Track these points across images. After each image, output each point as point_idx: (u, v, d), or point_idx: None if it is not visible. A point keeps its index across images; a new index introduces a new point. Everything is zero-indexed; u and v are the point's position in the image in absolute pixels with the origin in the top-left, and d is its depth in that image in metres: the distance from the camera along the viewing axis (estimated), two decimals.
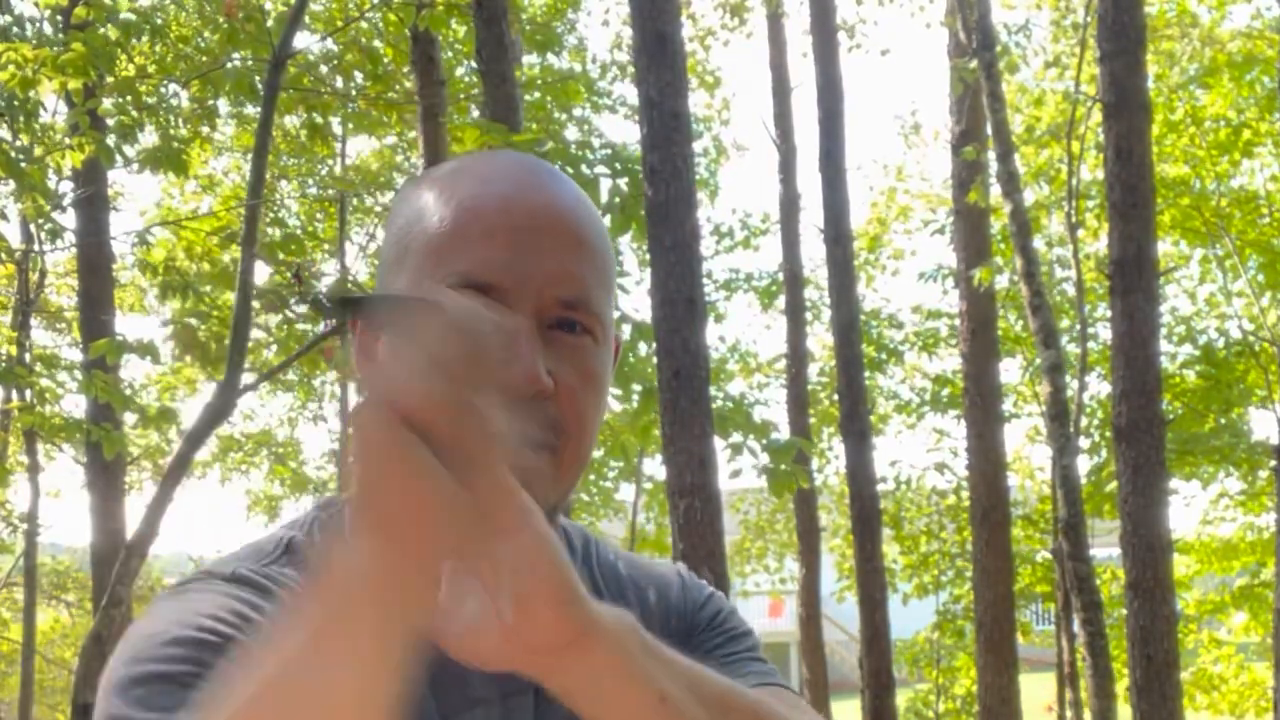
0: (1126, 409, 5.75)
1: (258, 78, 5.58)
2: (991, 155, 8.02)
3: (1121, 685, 6.62)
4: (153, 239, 7.44)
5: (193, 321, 5.80)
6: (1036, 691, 13.01)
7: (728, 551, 4.92)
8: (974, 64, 7.07)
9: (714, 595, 1.10)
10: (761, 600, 20.92)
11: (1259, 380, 11.27)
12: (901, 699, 14.40)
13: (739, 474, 5.34)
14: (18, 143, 6.26)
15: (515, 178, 0.89)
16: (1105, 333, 9.43)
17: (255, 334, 9.02)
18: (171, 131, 7.44)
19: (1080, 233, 9.55)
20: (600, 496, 13.06)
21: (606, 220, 3.15)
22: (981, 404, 10.28)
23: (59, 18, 6.87)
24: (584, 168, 4.69)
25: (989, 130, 7.76)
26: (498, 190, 0.88)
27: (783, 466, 4.81)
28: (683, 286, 4.05)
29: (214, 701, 0.62)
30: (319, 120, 7.12)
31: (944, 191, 13.58)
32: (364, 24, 8.05)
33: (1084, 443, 11.29)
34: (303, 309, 6.83)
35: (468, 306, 0.63)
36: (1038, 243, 10.52)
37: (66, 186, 8.00)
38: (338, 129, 11.05)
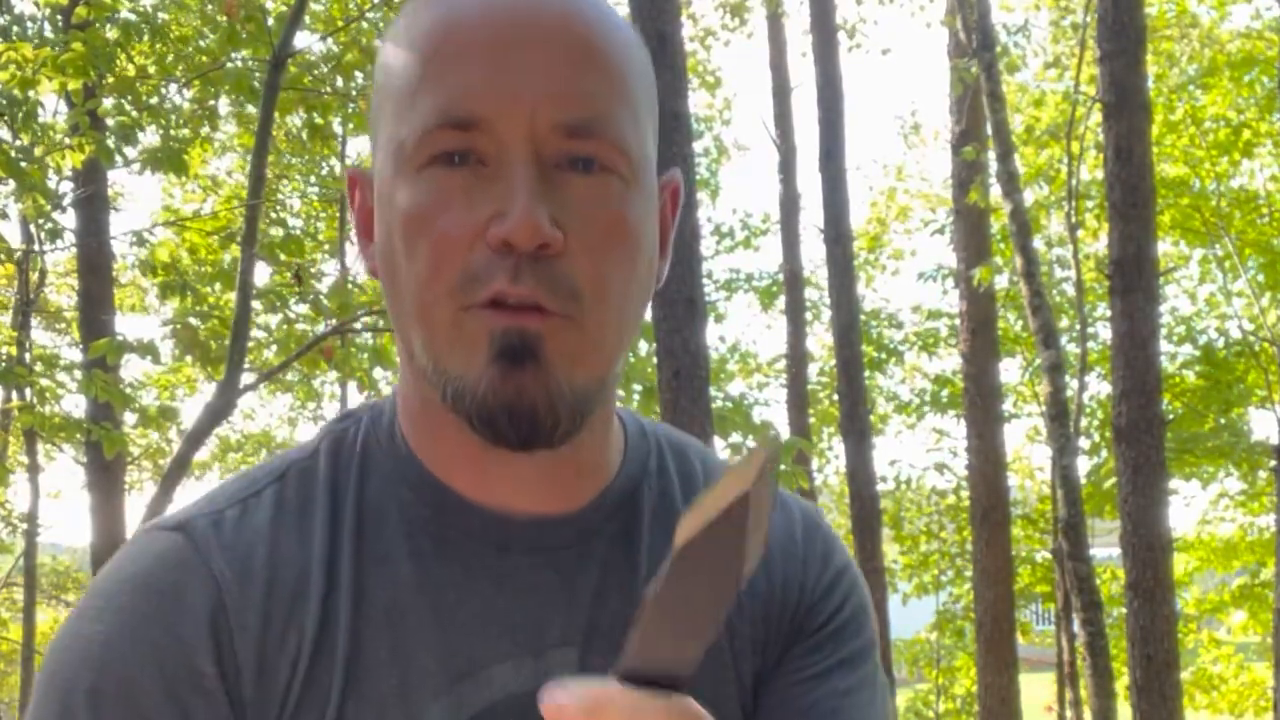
0: (1126, 409, 5.75)
1: (258, 78, 5.58)
2: (991, 155, 8.02)
3: (1121, 685, 6.62)
4: (154, 239, 7.43)
5: (193, 321, 5.80)
6: (1036, 691, 13.01)
7: None
8: (974, 64, 7.07)
9: (842, 579, 0.84)
10: None
11: (1259, 380, 11.28)
12: (901, 699, 14.44)
13: None
14: (18, 143, 6.25)
15: None
16: (1105, 333, 9.43)
17: (255, 334, 9.02)
18: (172, 131, 7.44)
19: (1080, 233, 9.55)
20: None
21: None
22: (981, 404, 10.28)
23: (59, 18, 6.87)
24: None
25: (989, 130, 7.76)
26: (475, 1, 0.70)
27: (782, 466, 4.81)
28: (683, 286, 4.05)
29: None
30: (319, 120, 7.11)
31: (944, 191, 13.58)
32: (364, 24, 8.04)
33: (1084, 443, 11.29)
34: (303, 309, 6.83)
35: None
36: (1038, 243, 10.51)
37: (66, 186, 8.00)
38: (338, 129, 11.06)
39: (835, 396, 10.82)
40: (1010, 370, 12.85)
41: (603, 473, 0.79)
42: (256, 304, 6.04)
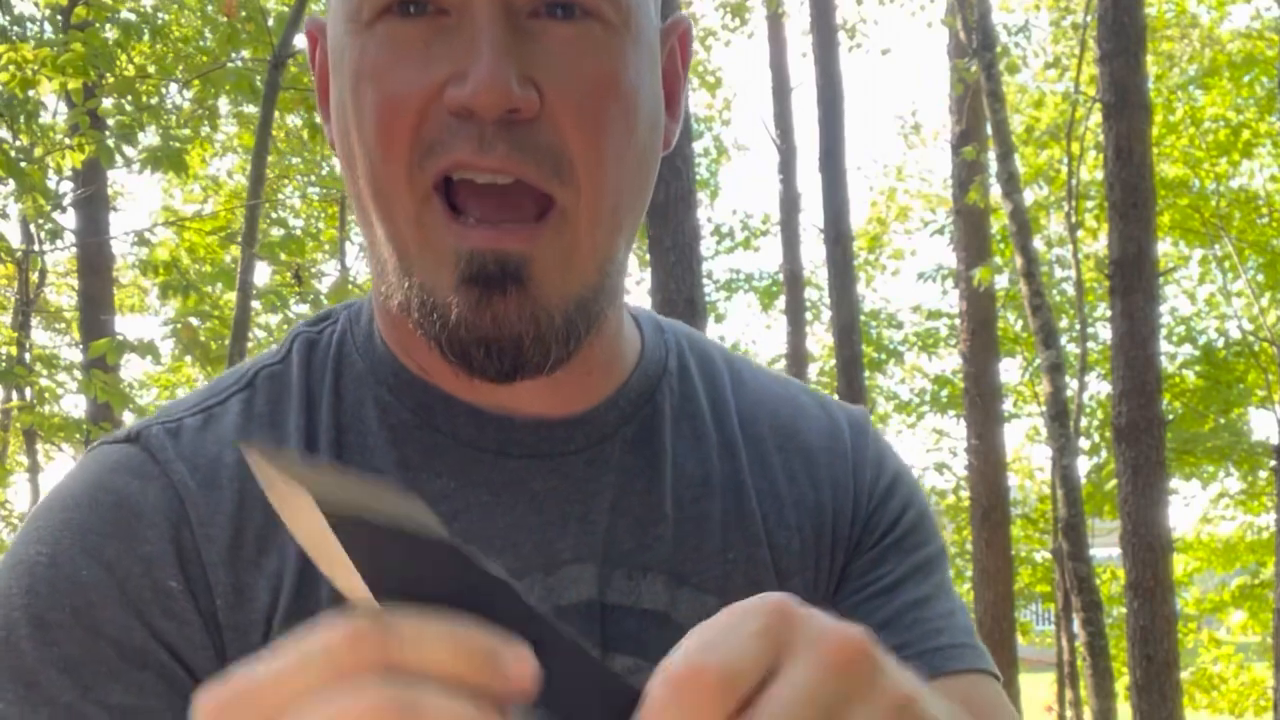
0: (1126, 409, 5.75)
1: (258, 77, 5.59)
2: (991, 155, 8.02)
3: (1121, 685, 6.62)
4: (154, 239, 7.45)
5: (193, 321, 5.80)
6: (1036, 691, 13.01)
7: None
8: (974, 64, 7.07)
9: (899, 484, 0.75)
10: None
11: (1259, 380, 11.27)
12: None
13: None
14: (18, 143, 6.26)
15: None
16: (1105, 333, 9.43)
17: (255, 334, 9.02)
18: (172, 131, 7.44)
19: (1080, 233, 9.55)
20: None
21: None
22: (981, 404, 10.28)
23: (59, 18, 6.88)
24: None
25: (989, 130, 7.76)
26: None
27: None
28: (683, 286, 4.06)
29: None
30: (319, 121, 7.13)
31: (944, 191, 13.58)
32: None
33: (1084, 443, 11.29)
34: (303, 309, 6.83)
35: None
36: (1037, 243, 10.52)
37: (66, 186, 8.01)
38: None
39: (835, 396, 10.81)
40: (1010, 370, 12.86)
41: (616, 371, 0.70)
42: (256, 304, 6.04)
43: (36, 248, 8.46)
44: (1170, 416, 8.81)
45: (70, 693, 0.56)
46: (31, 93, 5.52)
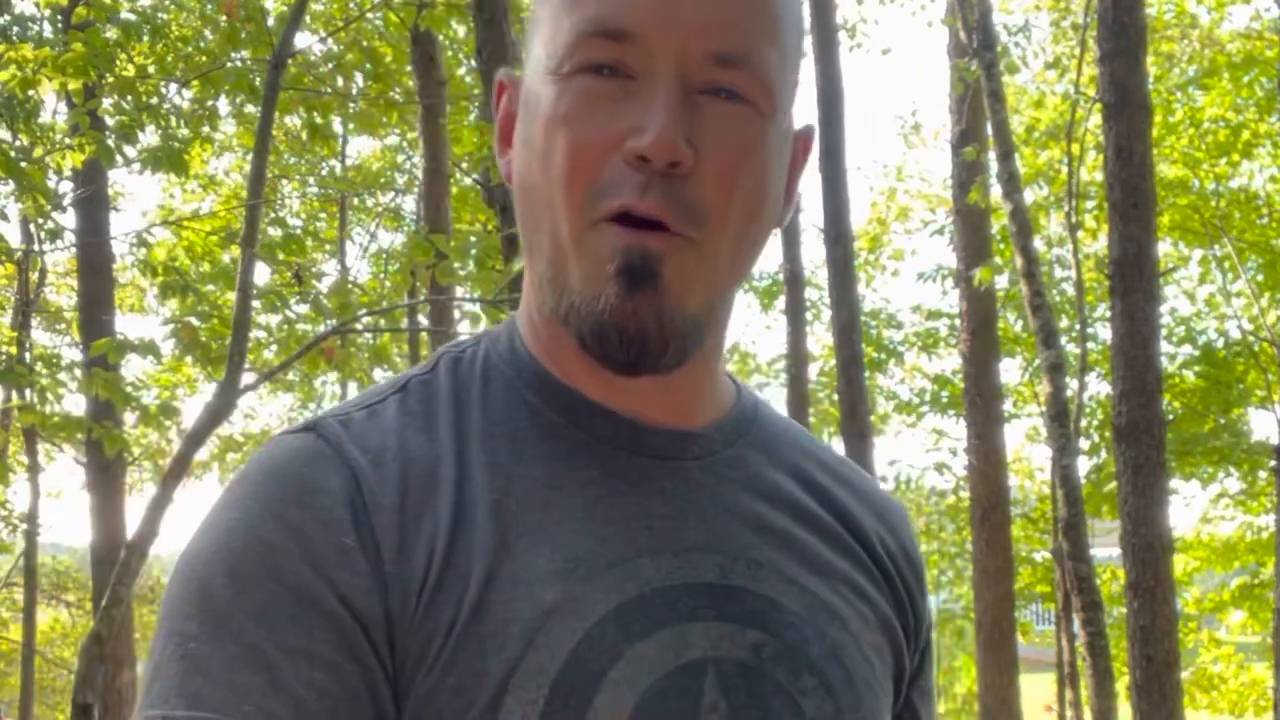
0: (1126, 409, 5.75)
1: (258, 78, 5.59)
2: (992, 155, 8.02)
3: (1121, 685, 6.62)
4: (153, 239, 7.45)
5: (193, 321, 5.79)
6: (1036, 691, 13.02)
7: None
8: (974, 64, 7.07)
9: (924, 583, 0.90)
10: None
11: (1258, 380, 11.28)
12: None
13: None
14: (18, 143, 6.26)
15: None
16: (1105, 333, 9.44)
17: (255, 334, 9.02)
18: (172, 131, 7.44)
19: (1080, 233, 9.55)
20: None
21: None
22: (981, 404, 10.29)
23: (59, 18, 6.88)
24: None
25: (989, 130, 7.76)
26: None
27: None
28: None
29: None
30: (319, 120, 7.12)
31: (944, 191, 13.58)
32: (364, 24, 8.04)
33: (1084, 443, 11.29)
34: (303, 309, 6.83)
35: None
36: (1037, 243, 10.52)
37: (66, 186, 8.01)
38: (338, 129, 11.06)
39: (835, 396, 10.82)
40: (1010, 370, 12.87)
41: (719, 403, 0.82)
42: (256, 304, 6.04)
43: (36, 248, 8.46)
44: (1170, 416, 8.81)
45: (255, 634, 0.66)
46: (32, 93, 5.52)
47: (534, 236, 0.75)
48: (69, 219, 8.18)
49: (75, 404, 8.43)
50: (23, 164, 5.53)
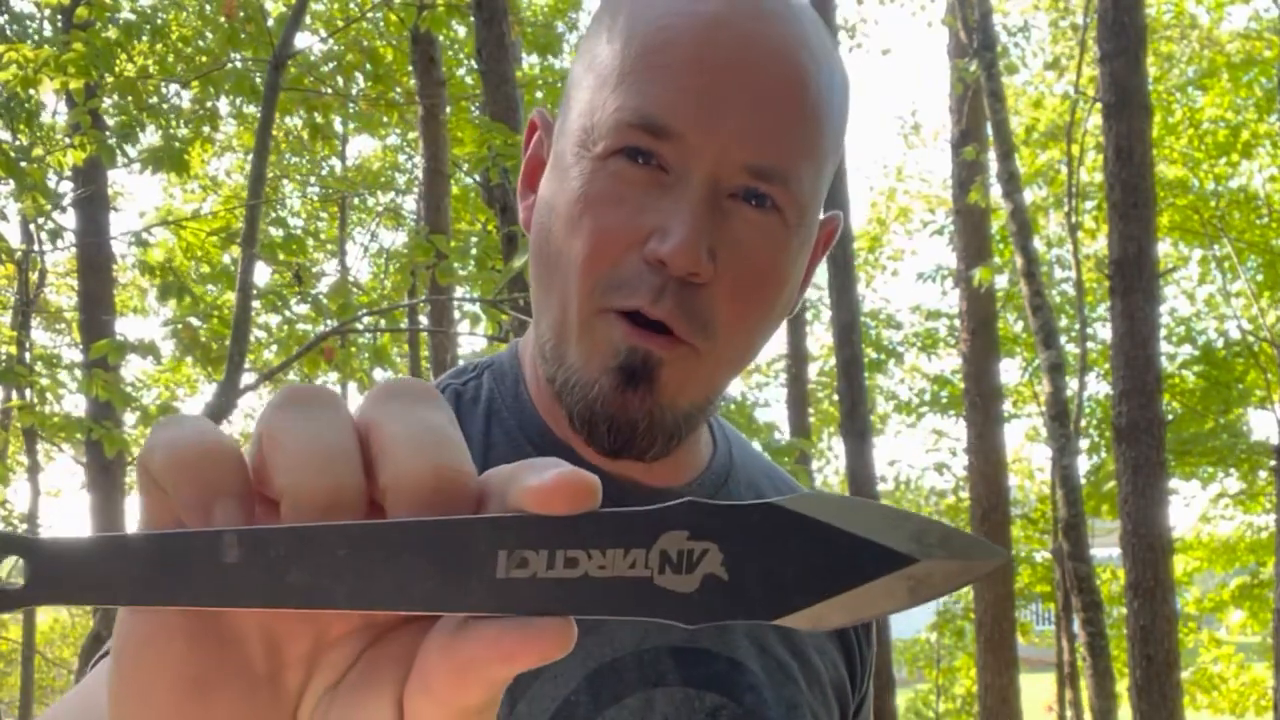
0: (1126, 409, 5.75)
1: (258, 78, 5.59)
2: (992, 155, 8.02)
3: (1121, 685, 6.62)
4: (152, 239, 7.45)
5: (193, 321, 5.79)
6: (1036, 691, 13.02)
7: None
8: (974, 64, 7.07)
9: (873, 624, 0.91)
10: None
11: (1258, 380, 11.28)
12: (901, 699, 14.43)
13: None
14: (17, 143, 6.26)
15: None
16: (1105, 333, 9.44)
17: (255, 334, 9.02)
18: (172, 131, 7.44)
19: (1079, 233, 9.56)
20: None
21: None
22: (981, 404, 10.28)
23: (59, 18, 6.88)
24: None
25: (989, 130, 7.76)
26: (707, 10, 0.70)
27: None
28: None
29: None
30: (320, 120, 7.12)
31: (944, 191, 13.59)
32: (364, 24, 8.05)
33: (1084, 443, 11.29)
34: (303, 309, 6.83)
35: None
36: (1038, 243, 10.52)
37: (66, 186, 8.01)
38: (339, 129, 11.06)
39: (835, 396, 10.82)
40: (1010, 370, 12.87)
41: (699, 456, 0.84)
42: (256, 304, 6.04)
43: (36, 248, 8.47)
44: (1170, 416, 8.81)
45: None
46: (32, 92, 5.52)
47: (543, 295, 0.75)
48: (69, 219, 8.19)
49: (75, 404, 8.45)
50: (23, 164, 5.53)
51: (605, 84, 0.71)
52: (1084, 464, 11.22)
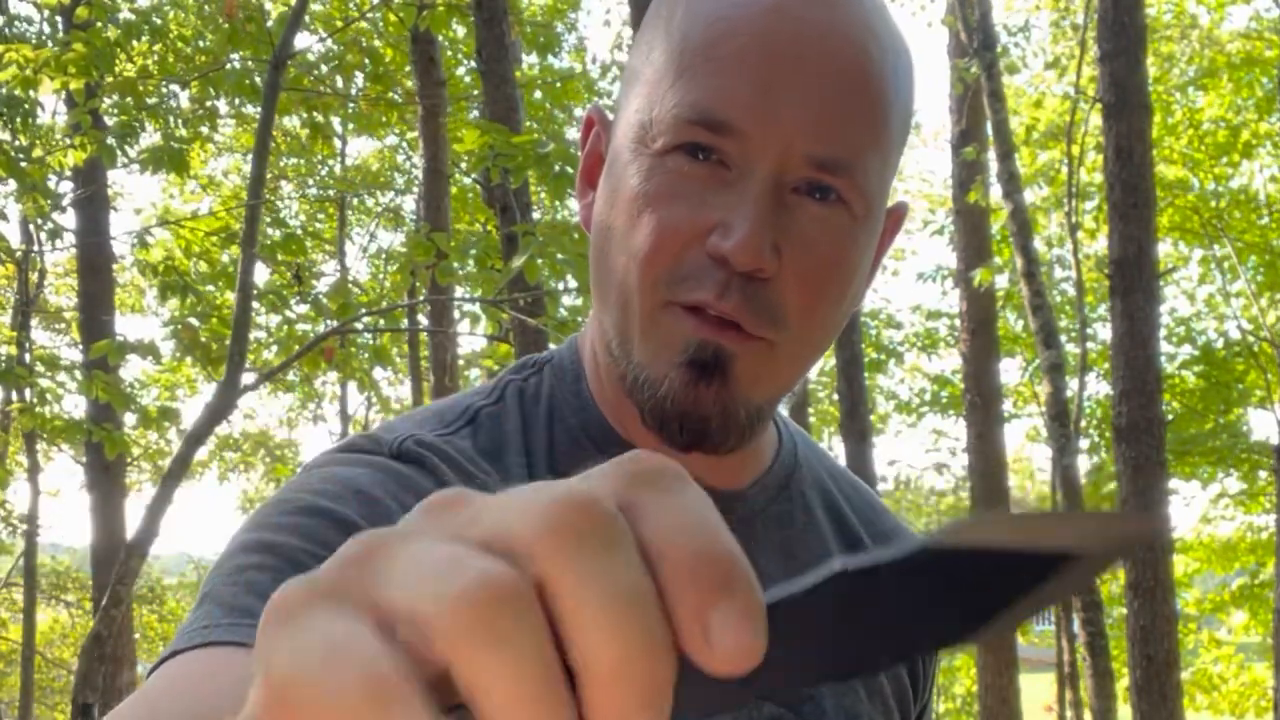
0: (1126, 409, 5.75)
1: (258, 78, 5.58)
2: (992, 155, 8.02)
3: (1121, 685, 6.62)
4: (152, 239, 7.44)
5: (193, 321, 5.80)
6: (1036, 691, 13.02)
7: None
8: (974, 64, 7.07)
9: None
10: None
11: (1258, 380, 11.28)
12: None
13: None
14: (17, 143, 6.25)
15: None
16: (1105, 333, 9.44)
17: (255, 334, 9.02)
18: (172, 131, 7.44)
19: (1080, 233, 9.56)
20: None
21: None
22: (981, 404, 10.28)
23: (59, 18, 6.88)
24: None
25: (989, 130, 7.76)
26: (760, 4, 0.68)
27: None
28: None
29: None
30: (319, 120, 7.12)
31: (944, 191, 13.58)
32: (364, 24, 8.05)
33: (1084, 443, 11.29)
34: (303, 309, 6.83)
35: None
36: (1038, 243, 10.52)
37: (66, 186, 8.01)
38: (338, 129, 11.06)
39: (835, 396, 10.82)
40: (1010, 370, 12.87)
41: (763, 456, 0.82)
42: (256, 304, 6.04)
43: (36, 248, 8.47)
44: (1170, 416, 8.81)
45: (294, 539, 0.65)
46: (32, 92, 5.52)
47: (604, 291, 0.74)
48: (69, 219, 8.19)
49: (75, 404, 8.44)
50: (23, 164, 5.53)
51: (663, 78, 0.70)
52: (1084, 464, 11.23)
